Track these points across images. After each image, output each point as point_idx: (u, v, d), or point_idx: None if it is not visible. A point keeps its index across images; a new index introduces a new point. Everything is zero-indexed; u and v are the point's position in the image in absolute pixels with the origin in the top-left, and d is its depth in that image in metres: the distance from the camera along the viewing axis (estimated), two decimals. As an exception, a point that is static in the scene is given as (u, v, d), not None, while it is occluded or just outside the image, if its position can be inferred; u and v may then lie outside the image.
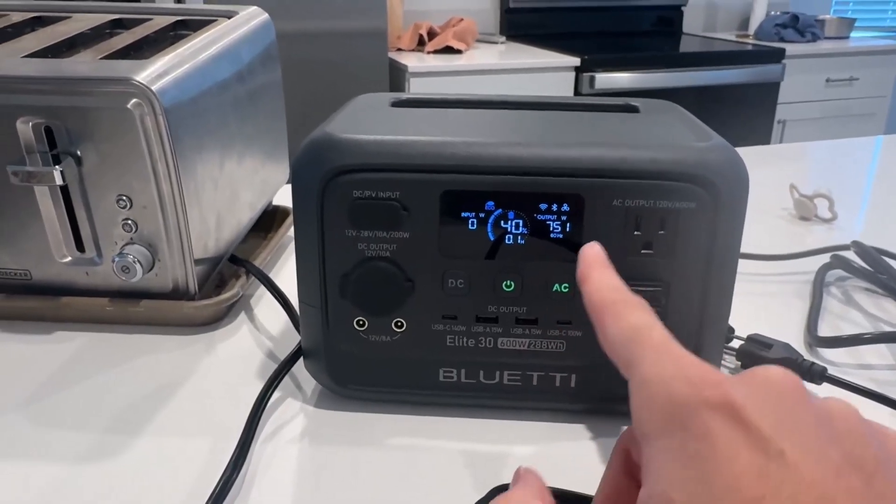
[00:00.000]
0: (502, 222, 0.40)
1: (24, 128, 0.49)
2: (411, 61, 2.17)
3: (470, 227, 0.41)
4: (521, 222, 0.40)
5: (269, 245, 0.66)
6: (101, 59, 0.53)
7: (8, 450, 0.42)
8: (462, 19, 2.43)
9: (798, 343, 0.55)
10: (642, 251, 0.40)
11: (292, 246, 0.70)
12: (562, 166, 0.39)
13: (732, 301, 0.42)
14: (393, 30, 2.30)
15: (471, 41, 2.41)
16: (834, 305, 0.61)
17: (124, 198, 0.51)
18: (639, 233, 0.40)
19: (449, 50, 2.32)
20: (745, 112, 2.48)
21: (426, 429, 0.44)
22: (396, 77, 2.18)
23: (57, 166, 0.49)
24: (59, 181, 0.49)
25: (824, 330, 0.56)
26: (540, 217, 0.40)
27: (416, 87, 2.13)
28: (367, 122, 0.45)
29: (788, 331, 0.57)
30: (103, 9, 0.68)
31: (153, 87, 0.48)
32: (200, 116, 0.54)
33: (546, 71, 2.23)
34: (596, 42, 2.62)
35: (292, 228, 0.71)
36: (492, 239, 0.41)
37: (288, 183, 0.75)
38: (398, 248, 0.41)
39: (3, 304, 0.55)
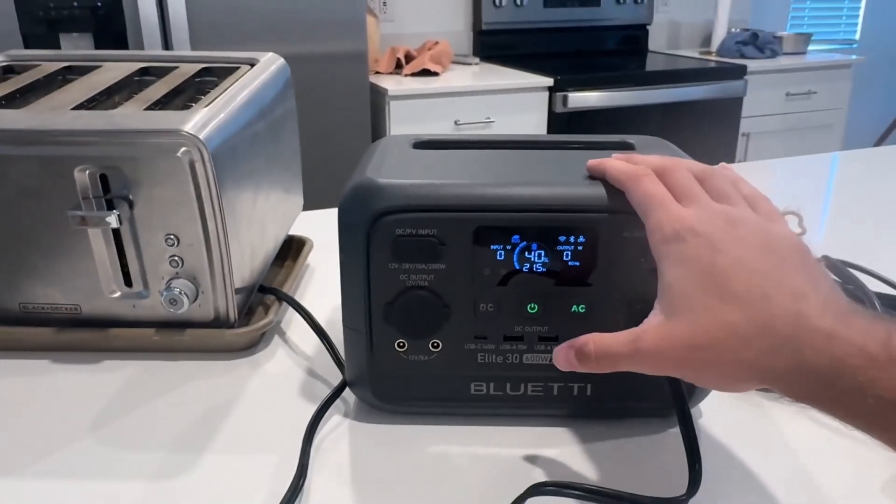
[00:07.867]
0: (526, 253, 0.46)
1: (81, 176, 0.54)
2: (391, 84, 2.23)
3: (498, 258, 0.46)
4: (542, 253, 0.46)
5: (292, 274, 0.71)
6: (145, 109, 0.58)
7: (92, 470, 0.47)
8: (437, 42, 2.49)
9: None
10: (646, 276, 0.46)
11: (309, 274, 0.76)
12: (576, 204, 0.46)
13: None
14: (370, 53, 2.35)
15: (447, 63, 2.48)
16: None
17: (172, 236, 0.56)
18: (644, 259, 0.46)
19: (426, 72, 2.39)
20: (711, 126, 2.58)
21: (460, 436, 0.50)
22: (377, 100, 2.23)
23: (113, 211, 0.54)
24: (114, 224, 0.54)
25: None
26: (559, 248, 0.46)
27: (397, 110, 2.19)
28: (401, 166, 0.50)
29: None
30: (131, 57, 0.73)
31: (200, 136, 0.53)
32: (237, 159, 0.59)
33: (521, 91, 2.30)
34: (567, 62, 2.71)
35: (309, 257, 0.77)
36: (517, 268, 0.47)
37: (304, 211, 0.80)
38: (436, 278, 0.47)
39: (55, 338, 0.59)
